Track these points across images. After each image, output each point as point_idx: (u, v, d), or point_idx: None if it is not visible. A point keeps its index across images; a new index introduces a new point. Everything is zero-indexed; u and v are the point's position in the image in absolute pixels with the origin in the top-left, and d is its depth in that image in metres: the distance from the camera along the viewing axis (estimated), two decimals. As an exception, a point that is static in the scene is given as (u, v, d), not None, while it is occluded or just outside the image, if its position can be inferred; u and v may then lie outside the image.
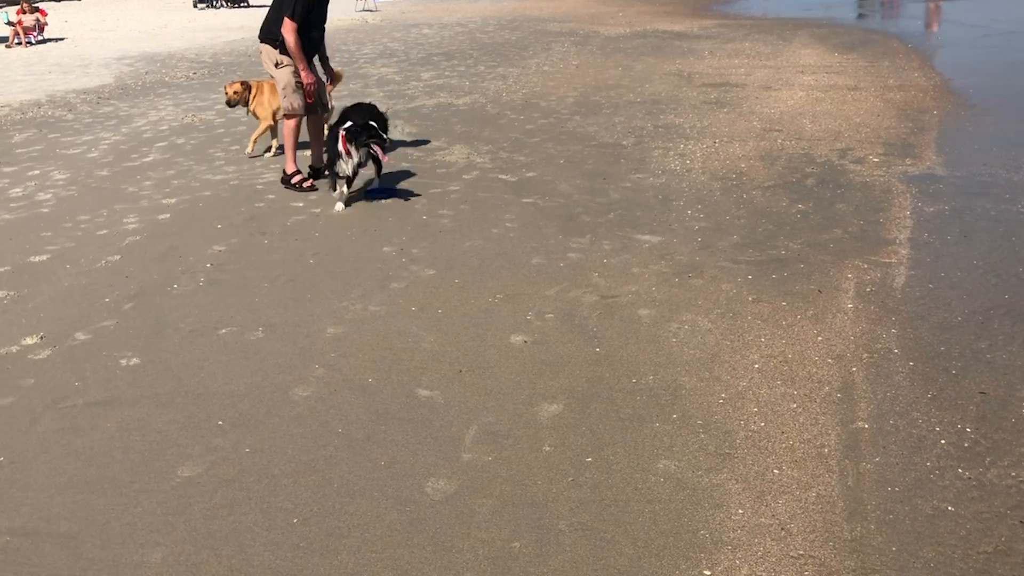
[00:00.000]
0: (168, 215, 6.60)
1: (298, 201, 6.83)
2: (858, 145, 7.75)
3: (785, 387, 3.69)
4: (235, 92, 7.90)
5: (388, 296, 4.86)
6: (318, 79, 7.08)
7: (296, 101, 6.92)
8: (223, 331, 4.49)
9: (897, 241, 5.36)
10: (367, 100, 7.47)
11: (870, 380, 3.71)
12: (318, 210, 6.58)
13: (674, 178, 7.07)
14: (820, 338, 4.13)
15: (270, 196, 7.02)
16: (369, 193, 6.86)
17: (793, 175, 6.93)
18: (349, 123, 6.33)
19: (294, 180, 7.10)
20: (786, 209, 6.11)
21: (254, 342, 4.36)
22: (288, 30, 6.60)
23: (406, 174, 7.51)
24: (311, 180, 7.18)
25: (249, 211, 6.63)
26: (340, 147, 6.33)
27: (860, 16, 21.56)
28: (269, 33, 6.86)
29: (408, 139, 8.97)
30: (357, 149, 6.29)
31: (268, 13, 6.91)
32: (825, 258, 5.14)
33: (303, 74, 6.83)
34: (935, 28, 17.94)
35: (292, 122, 7.04)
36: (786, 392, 3.64)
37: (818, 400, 3.57)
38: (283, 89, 6.93)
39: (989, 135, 7.94)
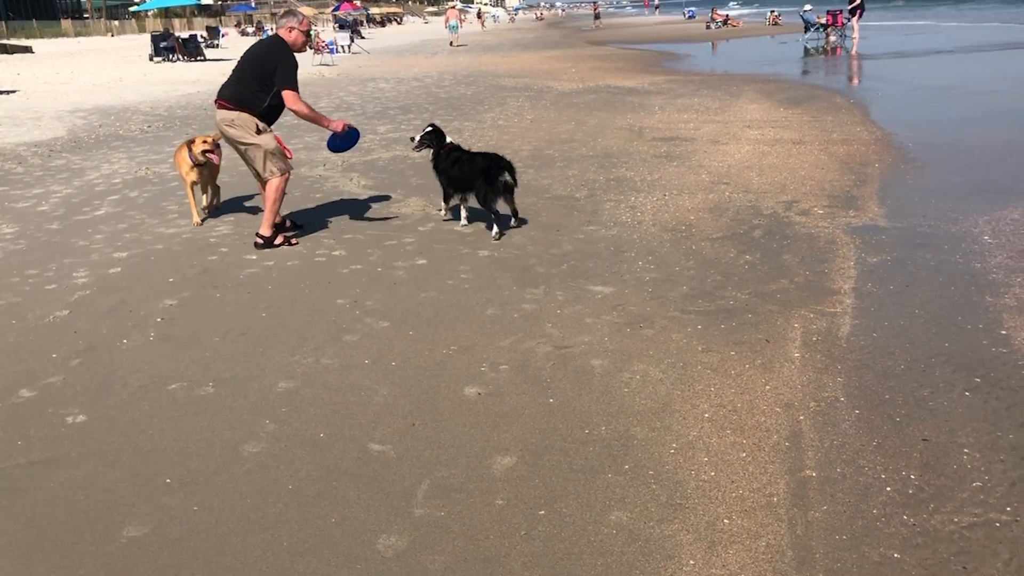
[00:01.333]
0: (119, 269, 6.53)
1: (251, 254, 6.80)
2: (803, 197, 7.96)
3: (735, 436, 3.74)
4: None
5: (341, 349, 4.85)
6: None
7: (282, 163, 6.85)
8: (173, 386, 4.44)
9: (842, 291, 5.49)
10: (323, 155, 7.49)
11: (817, 428, 3.78)
12: (271, 263, 6.56)
13: (626, 230, 7.19)
14: (768, 387, 4.20)
15: (223, 249, 6.98)
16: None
17: (741, 227, 7.09)
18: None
19: (277, 242, 6.98)
20: (734, 260, 6.24)
21: (204, 397, 4.31)
22: (296, 101, 6.62)
23: (362, 226, 7.53)
24: (288, 236, 7.09)
25: (202, 264, 6.59)
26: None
27: (804, 73, 22.25)
28: (245, 100, 6.64)
29: (364, 192, 9.01)
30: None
31: (240, 78, 6.70)
32: (772, 308, 5.25)
33: (335, 125, 6.98)
34: (857, 82, 18.58)
35: (279, 182, 6.82)
36: (736, 441, 3.69)
37: (767, 449, 3.62)
38: (270, 153, 6.73)
39: (928, 188, 8.21)
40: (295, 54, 6.78)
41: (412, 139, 7.50)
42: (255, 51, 6.83)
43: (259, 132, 6.73)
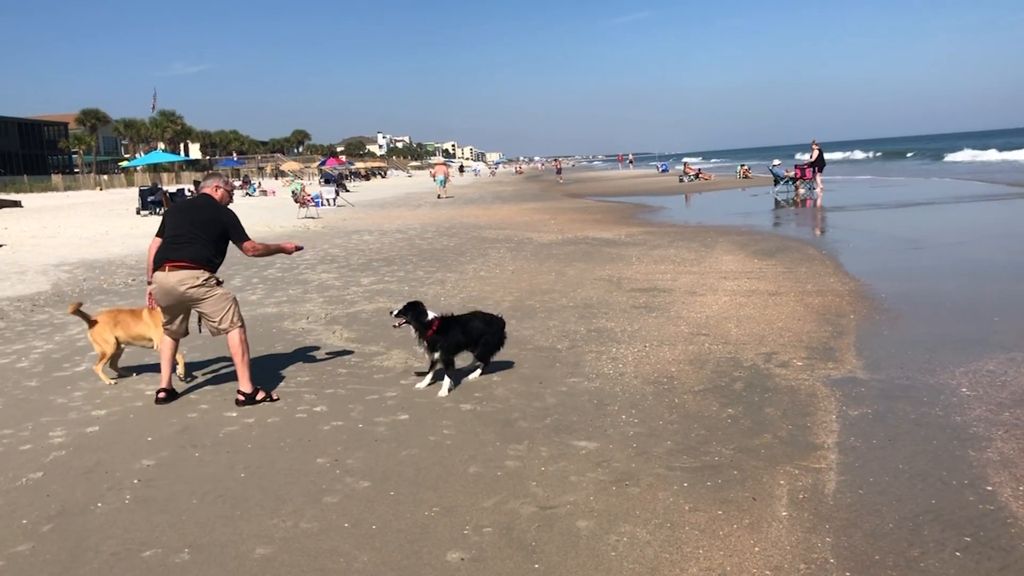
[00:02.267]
0: (97, 427, 6.44)
1: (231, 411, 6.74)
2: (782, 349, 8.07)
3: (725, 602, 3.64)
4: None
5: (320, 511, 4.74)
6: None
7: (239, 313, 7.01)
8: (147, 553, 4.30)
9: (825, 446, 5.49)
10: (319, 306, 7.55)
11: (809, 593, 3.69)
12: (252, 420, 6.49)
13: (608, 382, 7.21)
14: (757, 548, 4.12)
15: (203, 406, 6.93)
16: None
17: (722, 379, 7.14)
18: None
19: (259, 397, 6.96)
20: (717, 413, 6.25)
21: (179, 565, 4.17)
22: (255, 248, 7.16)
23: (344, 380, 7.52)
24: (264, 393, 7.05)
25: (181, 422, 6.52)
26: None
27: (776, 224, 22.96)
28: (205, 259, 6.87)
29: (347, 344, 9.04)
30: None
31: (194, 238, 6.88)
32: (758, 464, 5.23)
33: (289, 247, 7.48)
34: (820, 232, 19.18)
35: (242, 334, 6.95)
36: (727, 608, 3.60)
37: (759, 616, 3.52)
38: (231, 304, 6.94)
39: (904, 338, 8.35)
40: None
41: (391, 312, 7.35)
42: (197, 215, 7.07)
43: (219, 284, 7.00)
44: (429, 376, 7.34)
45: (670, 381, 7.17)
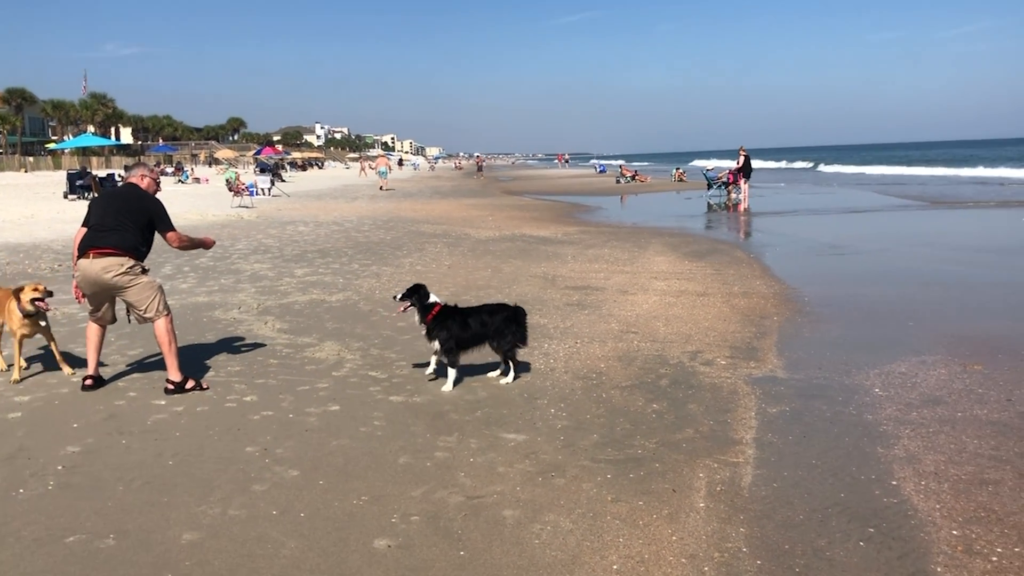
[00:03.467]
0: (19, 413, 6.32)
1: (160, 399, 6.68)
2: (707, 348, 8.31)
3: (642, 588, 3.79)
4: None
5: (249, 499, 4.77)
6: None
7: (164, 301, 6.95)
8: (70, 539, 4.27)
9: (744, 441, 5.71)
10: (252, 296, 7.51)
11: (721, 579, 3.87)
12: (180, 408, 6.45)
13: (539, 377, 7.35)
14: (675, 538, 4.29)
15: (131, 394, 6.85)
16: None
17: (648, 375, 7.34)
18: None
19: (188, 386, 6.91)
20: (642, 408, 6.43)
21: (103, 551, 4.16)
22: (179, 239, 7.17)
23: (275, 371, 7.50)
24: (194, 382, 7.00)
25: (108, 409, 6.44)
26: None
27: (708, 227, 23.47)
28: (132, 247, 6.79)
29: (279, 335, 9.01)
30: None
31: (121, 225, 6.79)
32: (679, 457, 5.41)
33: (209, 241, 7.68)
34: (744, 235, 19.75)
35: (169, 323, 6.90)
36: (643, 593, 3.75)
37: (673, 600, 3.68)
38: (156, 293, 6.87)
39: (823, 340, 8.68)
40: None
41: (394, 297, 7.34)
42: (123, 203, 7.00)
43: (144, 272, 6.93)
44: (432, 365, 7.25)
45: (599, 377, 7.34)
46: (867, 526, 4.40)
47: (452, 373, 7.01)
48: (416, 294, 7.10)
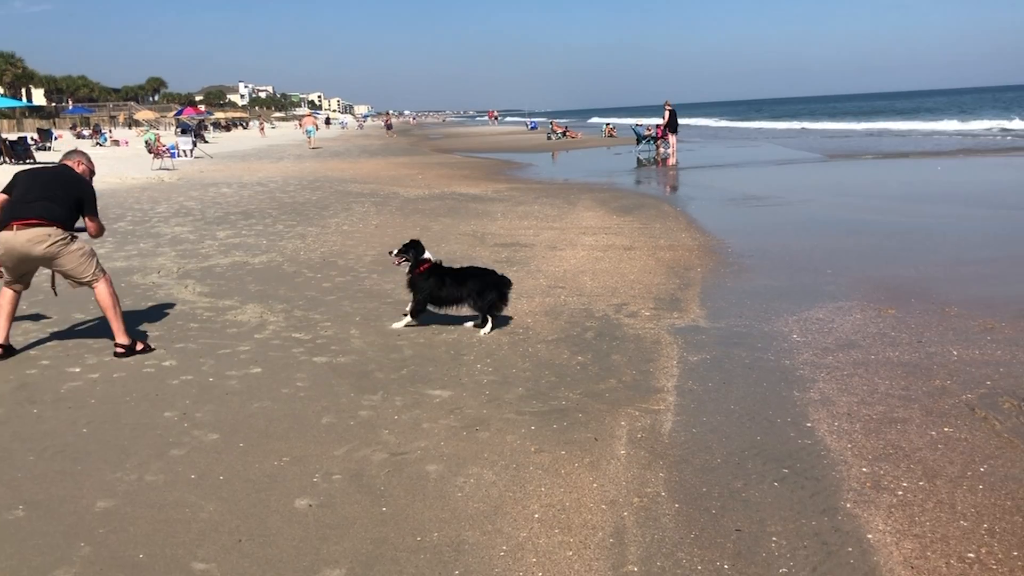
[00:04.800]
0: (-80, 386, 6.07)
1: (74, 367, 6.48)
2: (632, 300, 8.40)
3: (563, 535, 3.84)
4: None
5: (166, 464, 4.67)
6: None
7: (100, 264, 6.82)
8: (-25, 512, 4.13)
9: (665, 389, 5.80)
10: (172, 260, 7.30)
11: (640, 524, 3.94)
12: (96, 375, 6.27)
13: (466, 333, 7.33)
14: (595, 485, 4.35)
15: (44, 362, 6.63)
16: None
17: (574, 329, 7.39)
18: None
19: (138, 348, 6.80)
20: (567, 361, 6.48)
21: (12, 522, 4.03)
22: (99, 231, 7.06)
23: (195, 335, 7.34)
24: (143, 344, 6.90)
25: (19, 378, 6.22)
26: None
27: (637, 182, 23.63)
28: (62, 219, 6.57)
29: (199, 299, 8.80)
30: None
31: (50, 198, 6.59)
32: (602, 407, 5.47)
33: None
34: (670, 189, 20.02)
35: (108, 286, 6.74)
36: (563, 540, 3.79)
37: (592, 546, 3.74)
38: (90, 257, 6.70)
39: (744, 290, 8.85)
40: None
41: (390, 252, 7.75)
42: (54, 179, 6.80)
43: (73, 239, 6.71)
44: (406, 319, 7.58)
45: (526, 331, 7.36)
46: (782, 467, 4.52)
47: (407, 319, 7.52)
48: (412, 249, 7.57)
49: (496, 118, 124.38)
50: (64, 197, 6.66)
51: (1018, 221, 13.37)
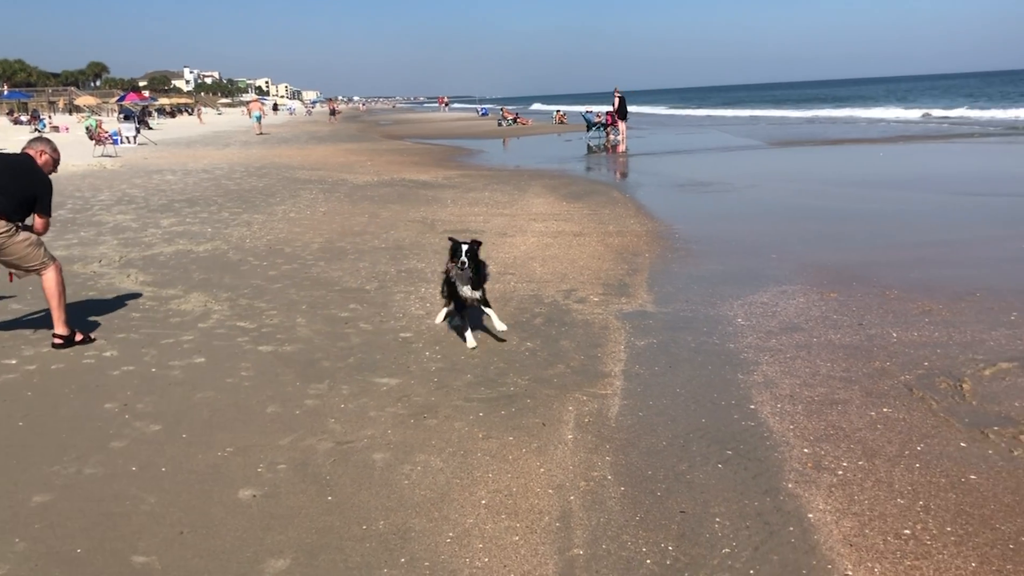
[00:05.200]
0: None
1: (10, 359, 6.31)
2: (581, 286, 8.44)
3: (509, 520, 3.85)
4: None
5: (107, 457, 4.57)
6: None
7: (48, 252, 6.69)
8: (-96, 510, 4.00)
9: (612, 373, 5.84)
10: (113, 248, 7.12)
11: (586, 507, 3.96)
12: (33, 367, 6.11)
13: (414, 321, 7.30)
14: (543, 470, 4.37)
15: (-24, 354, 6.44)
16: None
17: (524, 315, 7.39)
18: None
19: (77, 339, 6.66)
20: (516, 347, 6.48)
21: (-58, 519, 3.91)
22: (47, 228, 6.79)
23: (137, 324, 7.19)
24: (83, 335, 6.75)
25: (-51, 372, 6.04)
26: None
27: (587, 169, 23.71)
28: (9, 212, 6.42)
29: (142, 288, 8.62)
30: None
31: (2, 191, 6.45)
32: (550, 392, 5.49)
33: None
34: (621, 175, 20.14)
35: (56, 274, 6.61)
36: (510, 525, 3.80)
37: (539, 531, 3.75)
38: (36, 247, 6.56)
39: (691, 275, 8.94)
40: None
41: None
42: (10, 171, 6.61)
43: (18, 230, 6.55)
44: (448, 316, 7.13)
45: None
46: (725, 448, 4.58)
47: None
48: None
49: (446, 104, 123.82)
50: (15, 190, 6.48)
51: (955, 206, 13.69)
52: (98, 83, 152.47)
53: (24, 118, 58.84)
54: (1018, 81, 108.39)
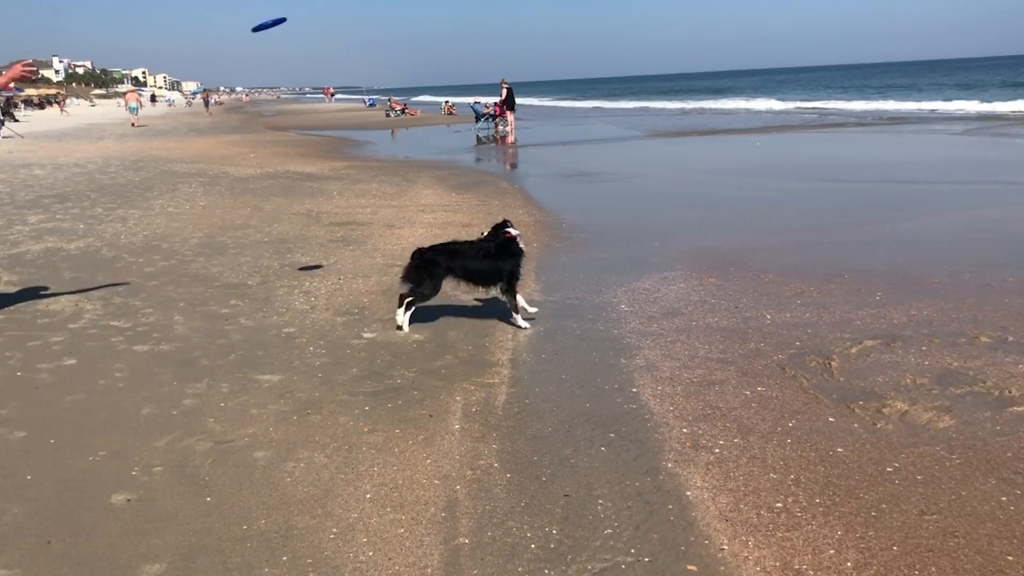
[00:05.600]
0: None
1: None
2: (469, 276, 8.44)
3: (394, 513, 3.83)
4: None
5: (-35, 468, 4.31)
6: None
7: None
8: None
9: (500, 362, 5.87)
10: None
11: (472, 496, 3.98)
12: None
13: (298, 316, 7.16)
14: (429, 461, 4.36)
15: None
16: None
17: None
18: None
19: None
20: (404, 339, 6.44)
21: None
22: None
23: (1, 327, 6.81)
24: None
25: None
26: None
27: (477, 160, 23.74)
28: None
29: (7, 288, 8.15)
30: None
31: None
32: (437, 383, 5.48)
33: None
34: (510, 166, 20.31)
35: None
36: (395, 518, 3.78)
37: (424, 522, 3.74)
38: None
39: (577, 263, 9.08)
40: None
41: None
42: None
43: None
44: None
45: (361, 311, 7.27)
46: (608, 432, 4.67)
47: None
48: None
49: (332, 95, 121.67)
50: None
51: (825, 192, 14.34)
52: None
53: None
54: (878, 74, 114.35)
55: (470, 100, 43.70)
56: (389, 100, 58.87)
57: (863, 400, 5.03)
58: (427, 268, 6.59)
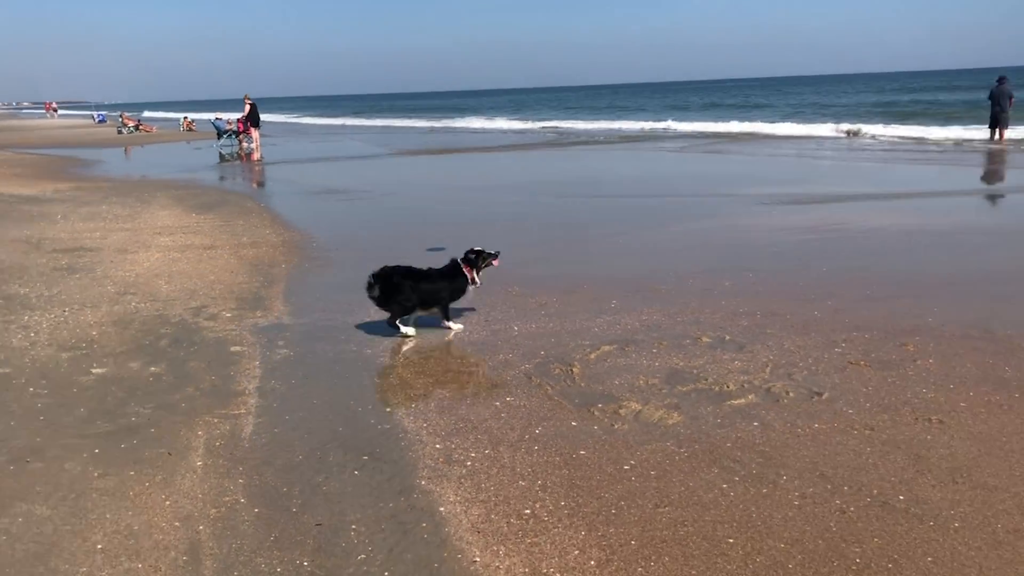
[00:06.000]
0: None
1: None
2: (212, 302, 8.04)
3: (130, 562, 3.55)
4: None
5: None
6: None
7: None
8: None
9: (247, 391, 5.63)
10: None
11: (216, 535, 3.77)
12: None
13: (15, 354, 6.47)
14: (168, 502, 4.08)
15: None
16: None
17: (147, 338, 6.88)
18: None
19: None
20: (138, 373, 6.01)
21: None
22: None
23: None
24: None
25: None
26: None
27: (220, 179, 22.71)
28: None
29: None
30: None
31: None
32: (177, 419, 5.16)
33: None
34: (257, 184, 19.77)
35: None
36: (130, 567, 3.50)
37: (163, 568, 3.50)
38: None
39: (329, 283, 8.92)
40: None
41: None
42: None
43: None
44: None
45: (90, 345, 6.70)
46: (362, 454, 4.62)
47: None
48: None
49: (55, 110, 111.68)
50: None
51: (568, 207, 15.11)
52: None
53: None
54: (606, 95, 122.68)
55: (211, 116, 41.71)
56: (121, 116, 54.82)
57: (602, 403, 5.33)
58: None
